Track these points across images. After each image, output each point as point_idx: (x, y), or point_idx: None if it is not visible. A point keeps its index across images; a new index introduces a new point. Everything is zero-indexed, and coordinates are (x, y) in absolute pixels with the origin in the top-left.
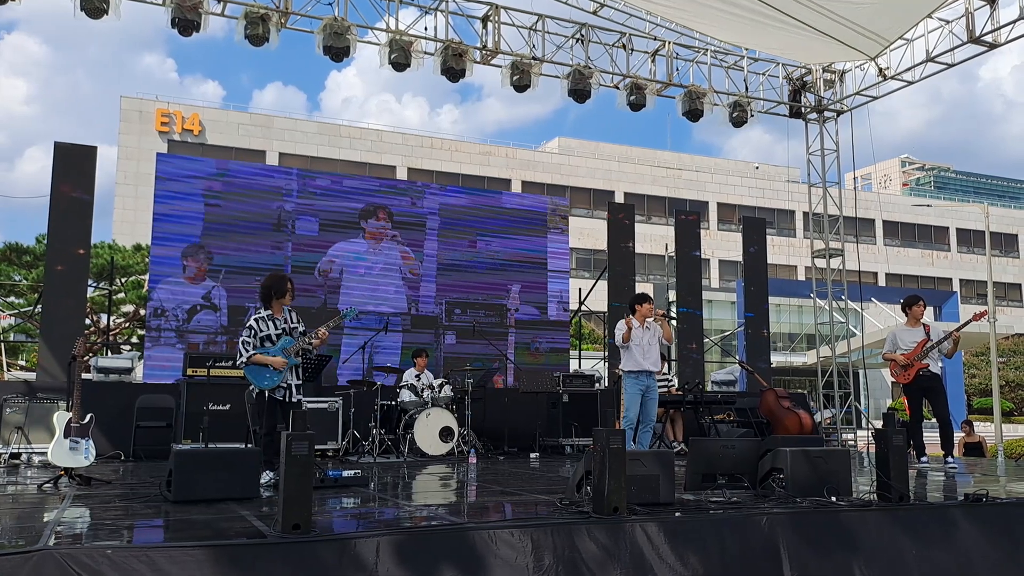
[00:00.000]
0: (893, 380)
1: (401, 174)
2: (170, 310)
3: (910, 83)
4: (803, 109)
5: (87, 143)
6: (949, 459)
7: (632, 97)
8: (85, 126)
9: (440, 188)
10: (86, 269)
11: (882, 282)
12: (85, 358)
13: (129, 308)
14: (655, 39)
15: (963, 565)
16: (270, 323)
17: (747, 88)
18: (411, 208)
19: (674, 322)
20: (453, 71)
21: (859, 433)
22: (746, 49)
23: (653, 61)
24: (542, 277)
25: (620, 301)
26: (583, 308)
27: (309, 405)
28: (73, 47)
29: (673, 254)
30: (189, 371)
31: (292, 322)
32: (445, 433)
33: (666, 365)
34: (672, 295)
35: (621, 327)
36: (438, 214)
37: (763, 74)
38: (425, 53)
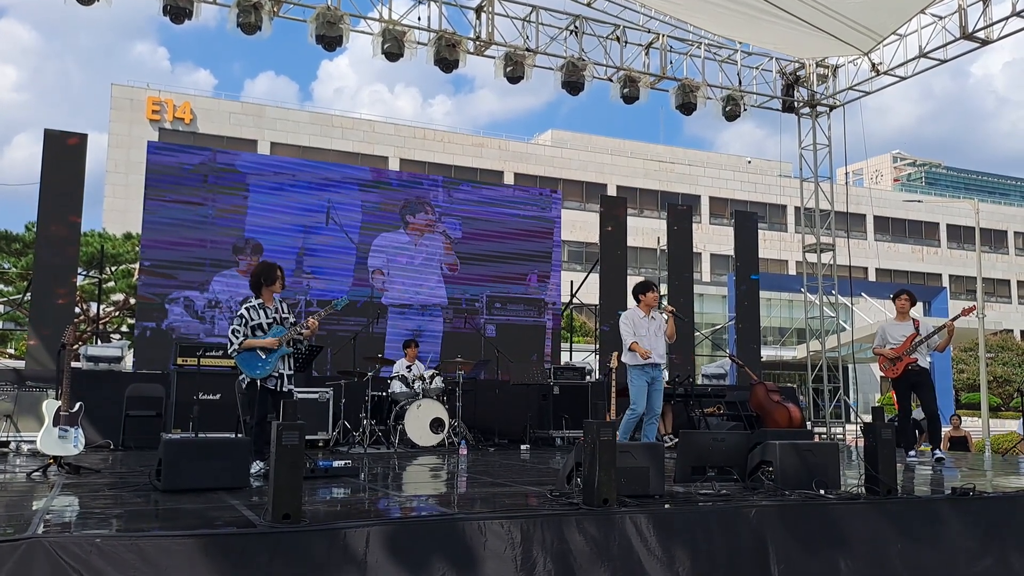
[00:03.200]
0: (882, 375)
1: (393, 165)
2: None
3: (902, 79)
4: (796, 103)
5: (77, 131)
6: (937, 453)
7: (625, 90)
8: (75, 114)
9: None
10: (76, 257)
11: (872, 277)
12: (74, 346)
13: (119, 297)
14: (649, 32)
15: (948, 558)
16: (261, 312)
17: (740, 82)
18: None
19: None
20: (446, 62)
21: (848, 427)
22: (740, 43)
23: (647, 54)
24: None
25: (610, 294)
26: (575, 301)
27: (300, 395)
28: (64, 34)
29: (664, 247)
30: (179, 360)
31: (283, 312)
32: (436, 424)
33: None
34: (664, 288)
35: (631, 320)
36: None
37: (756, 68)
38: (418, 43)
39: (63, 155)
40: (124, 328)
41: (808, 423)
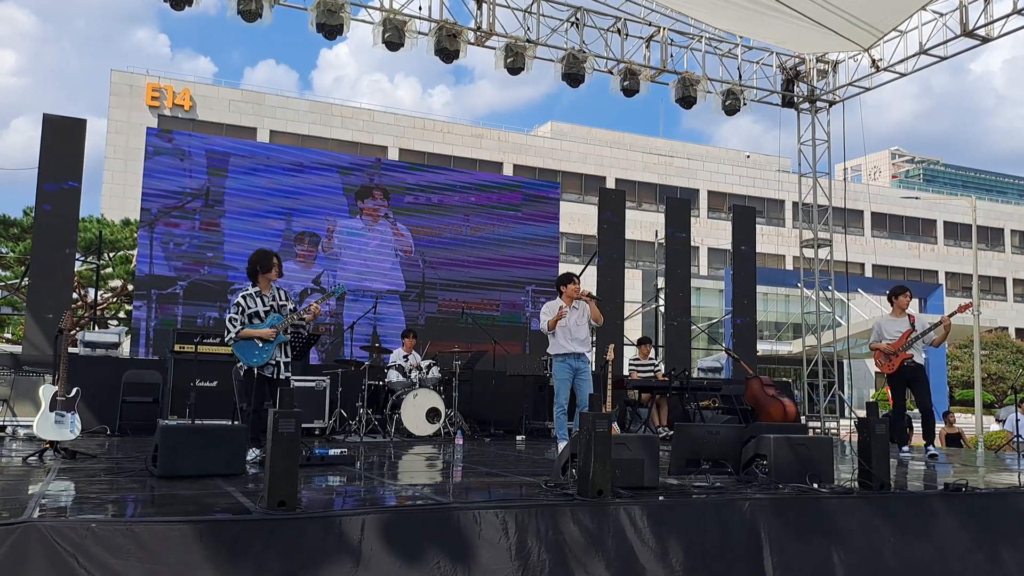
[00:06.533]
0: (877, 370)
1: (393, 155)
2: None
3: (902, 75)
4: (795, 99)
5: (76, 116)
6: (930, 448)
7: (626, 83)
8: (74, 99)
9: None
10: (74, 243)
11: (869, 273)
12: (72, 332)
13: (117, 283)
14: (650, 25)
15: (940, 553)
16: (258, 300)
17: (740, 76)
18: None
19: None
20: (447, 52)
21: (842, 422)
22: (740, 37)
23: (647, 47)
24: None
25: (608, 287)
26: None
27: (296, 383)
28: (63, 19)
29: (663, 241)
30: (176, 347)
31: (280, 299)
32: (432, 414)
33: (653, 351)
34: (661, 282)
35: (549, 313)
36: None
37: (757, 63)
38: (419, 33)
39: (62, 140)
40: (121, 314)
41: (802, 418)
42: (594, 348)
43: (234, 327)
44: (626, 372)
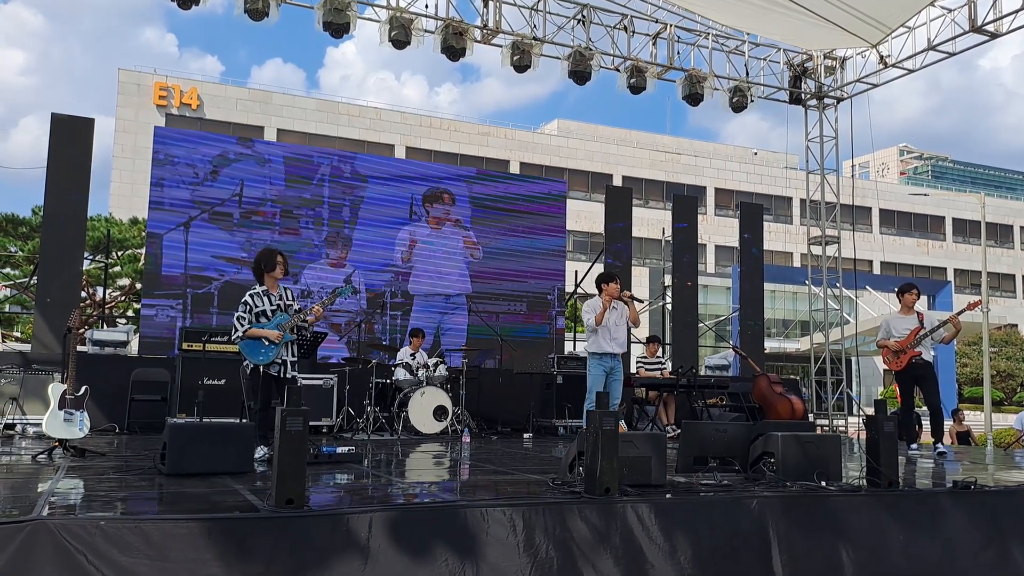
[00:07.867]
0: (885, 368)
1: (400, 153)
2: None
3: (911, 71)
4: (803, 95)
5: (83, 114)
6: (939, 446)
7: (632, 80)
8: (81, 97)
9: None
10: (82, 242)
11: (877, 270)
12: (80, 330)
13: (125, 281)
14: (656, 22)
15: (949, 551)
16: (265, 299)
17: (747, 73)
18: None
19: (639, 304)
20: (453, 50)
21: (850, 420)
22: (747, 34)
23: (654, 44)
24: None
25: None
26: (579, 291)
27: (304, 381)
28: (70, 19)
29: (670, 238)
30: (184, 345)
31: (287, 299)
32: (439, 412)
33: (661, 349)
34: (668, 279)
35: (593, 309)
36: None
37: (764, 59)
38: (425, 31)
39: (70, 139)
40: (130, 313)
41: (810, 415)
42: None
43: (241, 325)
44: (633, 370)
